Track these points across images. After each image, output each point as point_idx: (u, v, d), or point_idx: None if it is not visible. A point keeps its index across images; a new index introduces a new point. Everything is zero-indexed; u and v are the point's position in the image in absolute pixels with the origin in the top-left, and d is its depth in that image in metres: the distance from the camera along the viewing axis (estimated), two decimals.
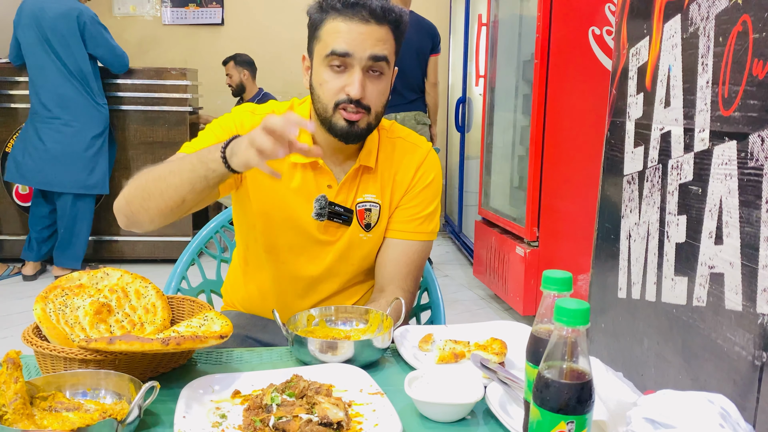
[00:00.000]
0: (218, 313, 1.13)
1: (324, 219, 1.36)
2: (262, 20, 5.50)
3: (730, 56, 1.29)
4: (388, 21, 1.27)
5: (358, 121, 1.27)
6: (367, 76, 1.26)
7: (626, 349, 1.72)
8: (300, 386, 0.94)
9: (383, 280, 1.42)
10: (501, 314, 3.56)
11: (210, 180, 1.15)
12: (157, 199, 1.19)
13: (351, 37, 1.23)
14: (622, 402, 0.85)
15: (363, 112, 1.27)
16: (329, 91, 1.27)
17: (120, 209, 1.26)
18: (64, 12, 3.75)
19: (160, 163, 1.23)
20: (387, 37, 1.27)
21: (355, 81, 1.24)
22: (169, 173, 1.19)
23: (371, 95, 1.27)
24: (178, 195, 1.18)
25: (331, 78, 1.26)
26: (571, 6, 3.02)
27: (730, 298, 1.25)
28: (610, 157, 1.89)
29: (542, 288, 0.79)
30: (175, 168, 1.19)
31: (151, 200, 1.20)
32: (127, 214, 1.25)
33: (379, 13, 1.25)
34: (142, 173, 1.23)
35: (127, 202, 1.23)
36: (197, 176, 1.15)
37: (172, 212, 1.21)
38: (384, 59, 1.26)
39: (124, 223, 1.27)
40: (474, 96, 4.81)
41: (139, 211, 1.22)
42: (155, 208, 1.20)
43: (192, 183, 1.16)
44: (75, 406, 0.89)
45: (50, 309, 1.06)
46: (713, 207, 1.32)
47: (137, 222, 1.25)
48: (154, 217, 1.22)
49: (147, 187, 1.20)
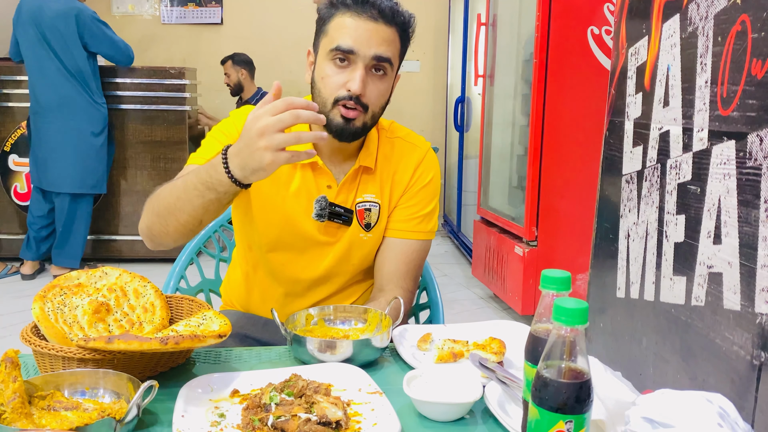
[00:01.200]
0: (217, 312, 1.13)
1: (324, 220, 1.36)
2: (261, 20, 5.50)
3: (728, 56, 1.29)
4: (396, 23, 1.27)
5: (355, 119, 1.27)
6: (370, 75, 1.26)
7: (625, 349, 1.72)
8: (299, 385, 0.94)
9: (382, 279, 1.42)
10: (500, 314, 3.56)
11: (223, 200, 1.16)
12: (174, 224, 1.21)
13: (357, 33, 1.24)
14: (621, 401, 0.85)
15: (360, 110, 1.27)
16: (330, 85, 1.27)
17: (143, 234, 1.29)
18: (63, 11, 3.74)
19: (169, 185, 1.23)
20: (393, 39, 1.27)
21: (357, 77, 1.24)
22: (177, 200, 1.19)
23: (371, 94, 1.27)
24: (194, 219, 1.19)
25: (333, 73, 1.26)
26: (570, 6, 3.02)
27: (728, 298, 1.25)
28: (608, 157, 1.90)
29: (541, 287, 0.79)
30: (181, 194, 1.18)
31: (169, 225, 1.22)
32: (150, 238, 1.28)
33: (388, 14, 1.25)
34: (156, 198, 1.24)
35: (148, 228, 1.26)
36: (208, 200, 1.15)
37: (192, 231, 1.23)
38: (387, 60, 1.27)
39: (150, 245, 1.30)
40: (473, 95, 4.81)
41: (160, 234, 1.25)
42: (174, 231, 1.22)
43: (204, 207, 1.16)
44: (73, 406, 0.89)
45: (49, 308, 1.06)
46: (712, 206, 1.33)
47: (162, 243, 1.28)
48: (176, 237, 1.24)
49: (161, 214, 1.22)
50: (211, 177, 1.13)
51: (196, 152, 1.36)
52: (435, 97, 5.84)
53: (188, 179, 1.17)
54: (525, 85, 3.37)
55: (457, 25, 5.21)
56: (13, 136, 4.24)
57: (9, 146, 4.25)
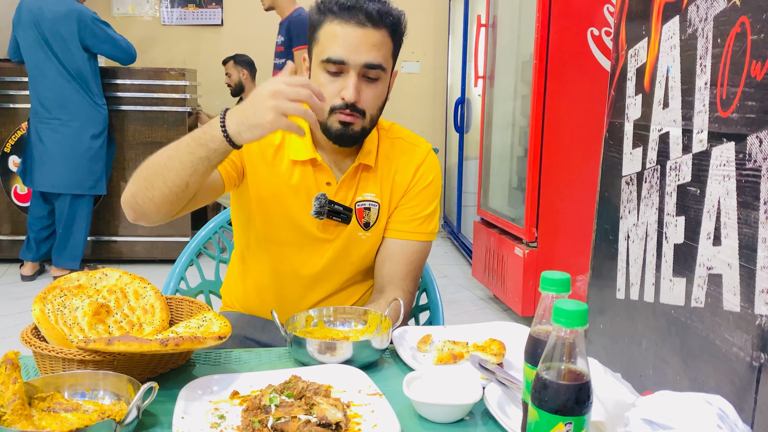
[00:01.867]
0: (217, 313, 1.13)
1: (323, 217, 1.36)
2: (261, 21, 5.49)
3: (728, 57, 1.29)
4: (385, 24, 1.27)
5: (353, 123, 1.27)
6: (363, 81, 1.27)
7: (624, 350, 1.72)
8: (298, 387, 0.94)
9: (382, 280, 1.42)
10: (499, 315, 3.56)
11: (212, 160, 1.14)
12: (160, 187, 1.17)
13: (346, 42, 1.24)
14: (621, 403, 0.85)
15: (358, 116, 1.27)
16: (325, 94, 1.27)
17: (126, 202, 1.24)
18: (64, 13, 3.74)
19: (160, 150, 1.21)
20: (383, 41, 1.27)
21: (350, 86, 1.24)
22: (168, 158, 1.17)
23: (366, 99, 1.28)
24: (181, 179, 1.15)
25: (327, 81, 1.27)
26: (569, 7, 3.02)
27: (728, 299, 1.25)
28: (608, 158, 1.90)
29: (541, 289, 0.79)
30: (173, 153, 1.16)
31: (155, 189, 1.17)
32: (133, 207, 1.23)
33: (376, 17, 1.25)
34: (144, 164, 1.21)
35: (132, 195, 1.21)
36: (197, 158, 1.13)
37: (177, 198, 1.18)
38: (379, 66, 1.26)
39: (132, 217, 1.25)
40: (473, 96, 4.82)
41: (144, 201, 1.20)
42: (159, 195, 1.18)
43: (193, 165, 1.14)
44: (73, 407, 0.89)
45: (49, 309, 1.06)
46: (711, 208, 1.33)
47: (144, 213, 1.22)
48: (159, 205, 1.19)
49: (149, 177, 1.18)
50: (204, 133, 1.13)
51: None
52: (435, 98, 5.84)
53: (181, 139, 1.17)
54: (525, 86, 3.37)
55: (457, 26, 5.21)
56: (14, 138, 4.24)
57: (9, 147, 4.25)
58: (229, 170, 1.33)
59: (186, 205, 1.24)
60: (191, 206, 1.27)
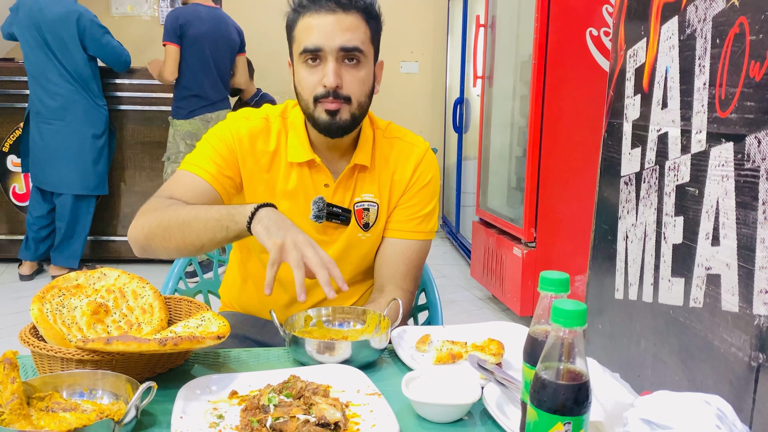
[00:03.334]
0: (216, 313, 1.13)
1: (322, 221, 1.36)
2: (260, 21, 5.49)
3: (727, 58, 1.29)
4: (356, 7, 1.26)
5: (339, 111, 1.27)
6: (343, 66, 1.26)
7: (623, 350, 1.72)
8: (297, 387, 0.94)
9: (382, 279, 1.42)
10: (498, 315, 3.56)
11: (230, 232, 1.17)
12: (177, 241, 1.21)
13: (320, 30, 1.24)
14: (619, 403, 0.85)
15: (343, 102, 1.27)
16: (307, 87, 1.28)
17: (137, 241, 1.27)
18: (64, 14, 3.74)
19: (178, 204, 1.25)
20: (357, 24, 1.26)
21: (329, 71, 1.24)
22: (194, 219, 1.20)
23: (350, 84, 1.27)
24: (200, 241, 1.20)
25: (308, 74, 1.27)
26: (568, 7, 3.02)
27: (726, 300, 1.26)
28: (607, 159, 1.90)
29: (539, 289, 0.79)
30: (201, 215, 1.20)
31: (172, 241, 1.22)
32: (144, 247, 1.27)
33: (345, 2, 1.25)
34: (161, 210, 1.24)
35: (147, 238, 1.25)
36: (220, 226, 1.18)
37: (189, 252, 1.25)
38: (356, 49, 1.26)
39: (139, 253, 1.29)
40: (472, 97, 4.82)
41: (158, 248, 1.25)
42: (175, 248, 1.23)
43: (213, 232, 1.18)
44: (72, 407, 0.89)
45: (47, 309, 1.06)
46: (710, 208, 1.33)
47: (153, 254, 1.28)
48: (171, 254, 1.26)
49: (170, 229, 1.22)
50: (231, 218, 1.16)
51: (189, 156, 1.36)
52: (434, 99, 5.84)
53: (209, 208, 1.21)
54: (524, 87, 3.37)
55: (456, 26, 5.21)
56: (12, 137, 4.24)
57: (8, 147, 4.25)
58: (227, 187, 1.34)
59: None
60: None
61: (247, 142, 1.34)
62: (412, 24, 5.59)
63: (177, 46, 3.76)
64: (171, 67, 3.77)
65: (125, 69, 4.07)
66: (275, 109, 1.41)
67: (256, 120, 1.37)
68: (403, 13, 5.47)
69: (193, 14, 3.79)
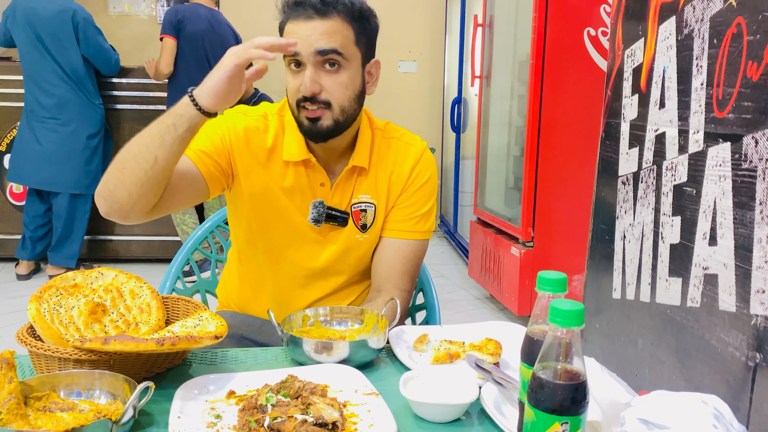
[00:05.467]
0: (213, 313, 1.13)
1: (321, 224, 1.37)
2: (258, 20, 5.48)
3: (724, 58, 1.29)
4: (337, 11, 1.25)
5: (321, 117, 1.27)
6: (323, 71, 1.26)
7: (620, 350, 1.72)
8: (295, 386, 0.94)
9: (380, 279, 1.42)
10: (496, 314, 3.56)
11: (178, 128, 1.14)
12: (131, 165, 1.15)
13: (298, 36, 1.24)
14: (617, 402, 0.85)
15: (322, 107, 1.27)
16: (290, 91, 1.29)
17: (99, 192, 1.20)
18: (58, 12, 3.73)
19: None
20: (337, 29, 1.25)
21: (306, 78, 1.24)
22: (138, 135, 1.18)
23: (330, 89, 1.26)
24: (150, 153, 1.14)
25: (291, 79, 1.28)
26: (566, 7, 3.02)
27: (723, 299, 1.26)
28: (604, 158, 1.90)
29: (537, 289, 0.79)
30: (145, 131, 1.17)
31: (126, 169, 1.16)
32: (105, 196, 1.19)
33: (321, 8, 1.25)
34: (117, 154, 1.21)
35: (104, 182, 1.19)
36: (164, 126, 1.15)
37: (147, 178, 1.15)
38: (333, 51, 1.25)
39: (104, 208, 1.21)
40: (469, 96, 4.82)
41: (116, 186, 1.17)
42: (130, 176, 1.15)
43: (161, 135, 1.14)
44: (69, 407, 0.89)
45: (45, 309, 1.06)
46: (707, 208, 1.33)
47: (116, 200, 1.18)
48: (131, 188, 1.16)
49: (120, 157, 1.18)
50: (174, 112, 1.16)
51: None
52: (431, 98, 5.84)
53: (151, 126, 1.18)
54: (521, 86, 3.37)
55: (454, 25, 5.21)
56: (9, 136, 4.23)
57: (4, 146, 4.24)
58: (211, 169, 1.30)
59: (163, 199, 1.21)
60: (170, 203, 1.24)
61: (243, 136, 1.34)
62: (410, 23, 5.59)
63: (174, 40, 3.76)
64: (167, 60, 3.77)
65: (114, 72, 4.07)
66: (273, 106, 1.41)
67: (254, 117, 1.37)
68: (401, 12, 5.47)
69: (192, 12, 3.80)
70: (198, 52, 3.82)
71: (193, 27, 3.78)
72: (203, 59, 3.85)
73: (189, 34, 3.78)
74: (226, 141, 1.33)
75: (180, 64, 3.81)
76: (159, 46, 3.84)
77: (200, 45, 3.82)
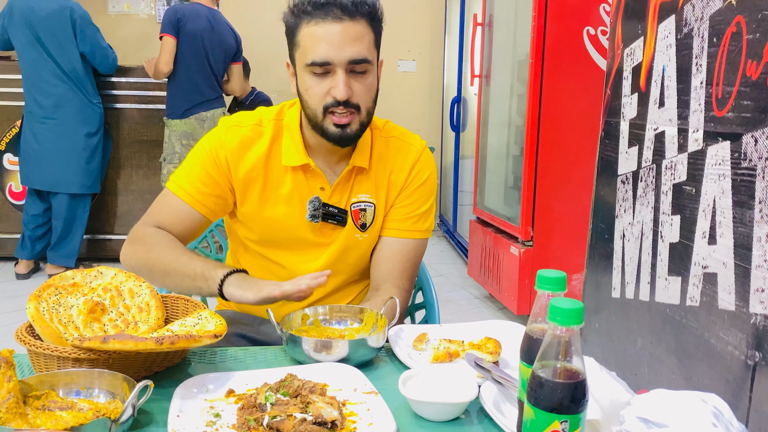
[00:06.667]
0: (212, 312, 1.13)
1: (318, 221, 1.36)
2: (257, 20, 5.49)
3: (724, 57, 1.29)
4: (362, 14, 1.24)
5: (350, 123, 1.27)
6: (352, 75, 1.25)
7: (620, 349, 1.72)
8: (294, 385, 0.94)
9: (379, 278, 1.42)
10: (495, 313, 3.56)
11: (202, 291, 1.27)
12: (159, 284, 1.31)
13: (327, 41, 1.21)
14: (616, 401, 0.85)
15: (353, 111, 1.26)
16: (316, 96, 1.26)
17: (127, 266, 1.33)
18: (56, 10, 3.73)
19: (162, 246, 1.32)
20: (365, 32, 1.24)
21: (340, 83, 1.22)
22: (174, 272, 1.28)
23: (359, 93, 1.26)
24: (178, 290, 1.31)
25: (315, 83, 1.25)
26: (566, 6, 3.03)
27: (723, 298, 1.26)
28: (604, 157, 1.90)
29: (536, 287, 0.79)
30: (179, 269, 1.27)
31: (155, 282, 1.30)
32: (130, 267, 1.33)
33: (351, 8, 1.22)
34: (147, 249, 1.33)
35: (135, 270, 1.30)
36: (194, 287, 1.27)
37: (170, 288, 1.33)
38: (364, 61, 1.24)
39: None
40: (469, 96, 4.82)
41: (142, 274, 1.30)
42: (158, 285, 1.31)
43: (189, 289, 1.29)
44: (68, 405, 0.89)
45: (44, 308, 1.05)
46: (707, 207, 1.33)
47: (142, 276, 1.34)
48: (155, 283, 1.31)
49: (153, 273, 1.30)
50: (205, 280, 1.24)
51: (178, 171, 1.37)
52: (431, 97, 5.85)
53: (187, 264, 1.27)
54: (521, 85, 3.37)
55: (454, 25, 5.21)
56: (8, 135, 4.23)
57: (4, 145, 4.24)
58: (212, 207, 1.36)
59: None
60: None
61: (238, 151, 1.34)
62: (409, 22, 5.59)
63: (174, 39, 3.76)
64: (166, 58, 3.77)
65: (112, 71, 4.06)
66: (270, 111, 1.39)
67: (248, 127, 1.35)
68: (400, 11, 5.47)
69: (192, 11, 3.80)
70: (197, 51, 3.82)
71: (192, 26, 3.78)
72: (203, 58, 3.84)
73: (189, 33, 3.78)
74: (223, 167, 1.33)
75: (179, 63, 3.81)
76: (158, 46, 3.84)
77: (200, 44, 3.82)
